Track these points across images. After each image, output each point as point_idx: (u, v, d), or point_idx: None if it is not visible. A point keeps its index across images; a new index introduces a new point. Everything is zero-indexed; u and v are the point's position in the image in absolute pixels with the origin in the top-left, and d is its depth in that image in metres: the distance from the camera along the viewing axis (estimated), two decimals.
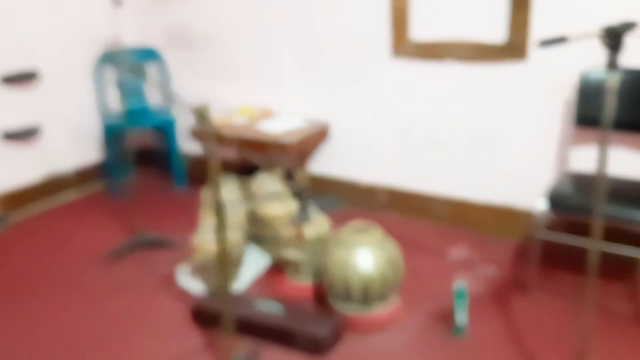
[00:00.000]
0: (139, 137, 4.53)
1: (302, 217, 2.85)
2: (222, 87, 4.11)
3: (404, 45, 3.33)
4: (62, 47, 4.04)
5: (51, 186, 4.09)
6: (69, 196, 4.18)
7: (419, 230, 3.46)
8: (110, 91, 4.26)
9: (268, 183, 3.21)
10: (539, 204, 2.63)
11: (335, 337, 2.44)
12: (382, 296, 2.54)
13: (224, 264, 2.17)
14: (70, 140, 4.20)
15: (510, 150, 3.19)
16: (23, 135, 3.87)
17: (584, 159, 2.98)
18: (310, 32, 3.65)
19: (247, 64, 3.97)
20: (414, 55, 3.32)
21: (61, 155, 4.15)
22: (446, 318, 2.58)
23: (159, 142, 4.54)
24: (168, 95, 4.39)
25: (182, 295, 2.87)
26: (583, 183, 2.74)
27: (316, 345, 2.37)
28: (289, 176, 3.43)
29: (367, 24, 3.43)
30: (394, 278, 2.56)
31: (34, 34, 3.87)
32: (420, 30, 3.28)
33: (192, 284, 2.93)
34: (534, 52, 2.98)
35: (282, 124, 3.64)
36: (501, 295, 2.76)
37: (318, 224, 2.87)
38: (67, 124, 4.15)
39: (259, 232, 3.15)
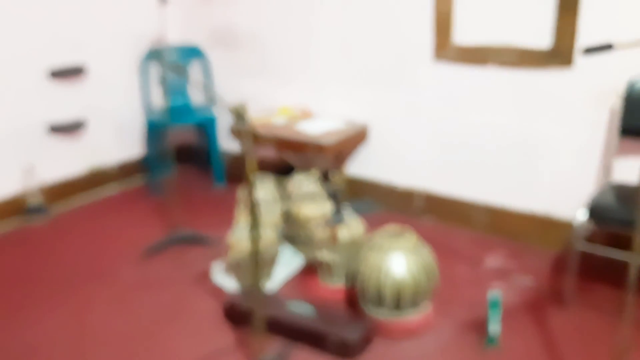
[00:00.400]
0: (181, 134, 4.60)
1: (336, 219, 2.85)
2: (264, 87, 4.14)
3: (446, 49, 3.29)
4: (108, 44, 4.14)
5: (94, 180, 4.19)
6: (110, 190, 4.28)
7: (455, 237, 3.42)
8: (154, 88, 4.34)
9: (304, 183, 3.22)
10: (580, 215, 2.57)
11: (365, 342, 2.43)
12: (414, 302, 2.51)
13: (257, 263, 2.18)
14: (114, 135, 4.29)
15: (552, 158, 3.12)
16: (69, 129, 3.98)
17: (628, 170, 2.90)
18: (352, 35, 3.64)
19: (289, 65, 3.99)
20: (456, 59, 3.28)
21: (104, 150, 4.24)
22: (479, 327, 2.54)
23: (199, 140, 4.61)
24: (208, 94, 4.44)
25: (216, 292, 2.91)
26: (626, 195, 2.66)
27: (346, 349, 2.37)
28: (325, 177, 3.43)
29: (409, 26, 3.40)
30: (427, 284, 2.53)
31: (82, 30, 3.97)
32: (463, 34, 3.24)
33: (227, 282, 2.96)
34: (580, 58, 2.91)
35: (320, 125, 3.64)
36: (537, 307, 2.71)
37: (352, 226, 2.86)
38: (111, 119, 4.25)
39: (293, 232, 3.16)
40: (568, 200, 3.08)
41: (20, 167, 3.78)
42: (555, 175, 3.14)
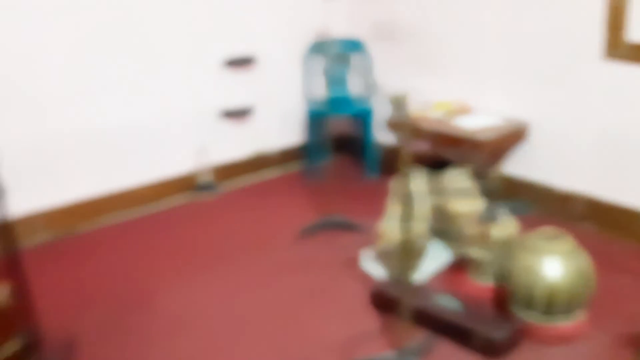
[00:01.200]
0: (338, 124, 4.75)
1: (489, 216, 2.82)
2: (422, 81, 4.16)
3: (618, 46, 3.10)
4: (277, 36, 4.39)
5: (258, 163, 4.49)
6: (272, 173, 4.55)
7: (617, 247, 3.22)
8: (316, 79, 4.53)
9: (458, 179, 3.21)
10: None
11: (512, 343, 2.39)
12: (567, 309, 2.43)
13: (406, 253, 2.24)
14: (278, 122, 4.55)
15: None
16: (238, 114, 4.29)
17: None
18: (516, 29, 3.54)
19: (449, 59, 3.97)
20: (629, 58, 3.07)
21: (269, 136, 4.52)
22: (637, 343, 2.40)
23: (356, 130, 4.73)
24: (369, 84, 4.55)
25: (364, 278, 3.01)
26: None
27: (492, 348, 2.35)
28: (480, 174, 3.39)
29: (578, 22, 3.24)
30: (583, 292, 2.43)
31: (254, 23, 4.25)
32: (639, 31, 3.03)
33: (374, 269, 3.05)
34: None
35: (478, 121, 3.59)
36: None
37: (505, 225, 2.81)
38: (276, 107, 4.51)
39: (443, 227, 3.17)
40: None
41: (194, 147, 4.16)
42: None
